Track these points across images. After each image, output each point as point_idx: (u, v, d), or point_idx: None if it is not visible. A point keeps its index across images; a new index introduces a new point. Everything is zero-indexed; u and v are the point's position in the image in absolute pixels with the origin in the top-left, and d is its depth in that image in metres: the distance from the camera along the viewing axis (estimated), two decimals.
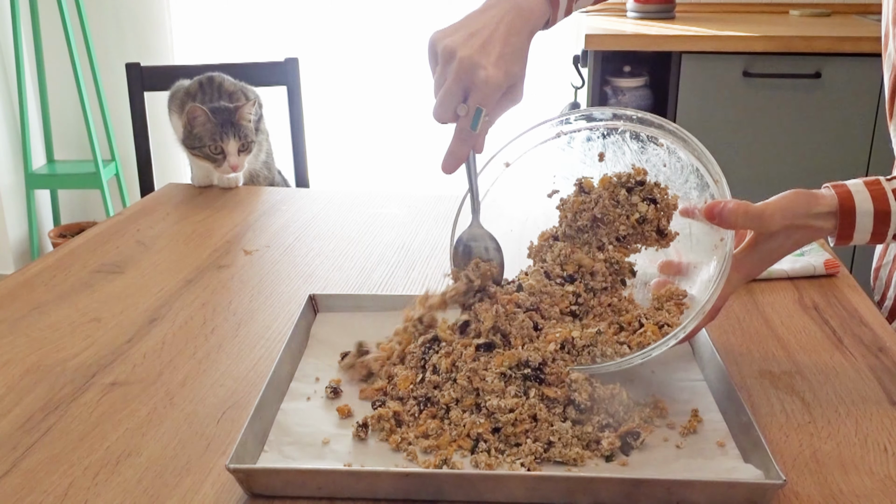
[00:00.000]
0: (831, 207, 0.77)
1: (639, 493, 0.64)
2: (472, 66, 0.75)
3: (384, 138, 3.00)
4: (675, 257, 0.86)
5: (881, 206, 0.76)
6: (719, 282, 0.75)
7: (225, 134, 1.39)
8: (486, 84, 0.75)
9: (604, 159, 0.87)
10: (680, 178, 0.83)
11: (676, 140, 0.82)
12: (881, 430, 0.74)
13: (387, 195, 1.43)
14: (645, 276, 0.86)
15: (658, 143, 0.84)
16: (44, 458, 0.71)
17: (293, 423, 0.74)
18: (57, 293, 1.04)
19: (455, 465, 0.68)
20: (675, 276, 0.85)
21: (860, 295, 1.01)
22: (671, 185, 0.83)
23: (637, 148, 0.85)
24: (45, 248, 3.07)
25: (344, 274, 1.10)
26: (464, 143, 0.78)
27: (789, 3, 2.69)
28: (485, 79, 0.75)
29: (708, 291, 0.75)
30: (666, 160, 0.84)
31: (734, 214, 0.75)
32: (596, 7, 2.70)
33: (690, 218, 0.83)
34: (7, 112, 2.89)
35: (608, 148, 0.87)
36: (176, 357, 0.88)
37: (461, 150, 0.79)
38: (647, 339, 0.76)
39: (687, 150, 0.82)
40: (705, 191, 0.80)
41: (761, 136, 2.25)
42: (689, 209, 0.83)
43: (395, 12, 2.87)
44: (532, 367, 0.73)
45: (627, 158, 0.86)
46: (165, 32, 2.95)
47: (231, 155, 1.40)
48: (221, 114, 1.41)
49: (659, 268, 0.87)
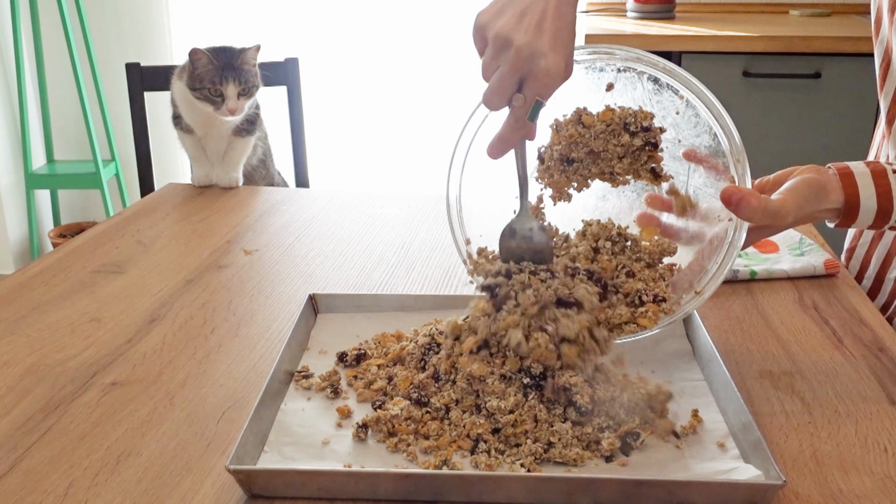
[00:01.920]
0: (838, 204, 0.80)
1: (639, 493, 0.64)
2: (531, 55, 0.69)
3: (384, 138, 3.00)
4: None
5: (884, 204, 0.79)
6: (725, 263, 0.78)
7: (225, 77, 1.39)
8: (548, 75, 0.69)
9: (612, 90, 0.82)
10: (692, 132, 0.81)
11: (703, 103, 0.79)
12: (881, 430, 0.74)
13: (387, 195, 1.43)
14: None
15: (679, 95, 0.80)
16: (44, 458, 0.71)
17: (293, 423, 0.74)
18: (57, 293, 1.04)
19: (455, 466, 0.68)
20: (662, 212, 0.85)
21: (860, 295, 1.01)
22: (681, 135, 0.82)
23: (652, 88, 0.81)
24: (45, 248, 3.07)
25: (344, 274, 1.10)
26: (517, 131, 0.73)
27: (789, 3, 2.69)
28: (546, 69, 0.69)
29: (707, 277, 0.79)
30: (681, 109, 0.81)
31: (753, 211, 0.76)
32: (596, 6, 2.71)
33: (692, 162, 0.83)
34: (7, 112, 2.89)
35: (620, 80, 0.82)
36: (176, 357, 0.88)
37: (513, 137, 0.74)
38: (648, 322, 0.77)
39: (711, 116, 0.79)
40: (718, 155, 0.80)
41: (761, 136, 2.25)
42: (692, 154, 0.82)
43: (396, 12, 2.87)
44: (532, 376, 0.73)
45: (638, 94, 0.82)
46: (165, 32, 2.95)
47: (230, 98, 1.40)
48: (223, 56, 1.41)
49: (646, 200, 0.86)
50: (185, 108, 1.44)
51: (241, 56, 1.43)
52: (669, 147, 0.83)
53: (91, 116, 2.85)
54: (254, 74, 1.44)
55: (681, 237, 0.86)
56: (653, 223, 0.86)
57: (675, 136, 0.82)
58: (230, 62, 1.41)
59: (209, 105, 1.41)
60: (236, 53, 1.43)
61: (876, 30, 1.01)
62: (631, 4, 2.56)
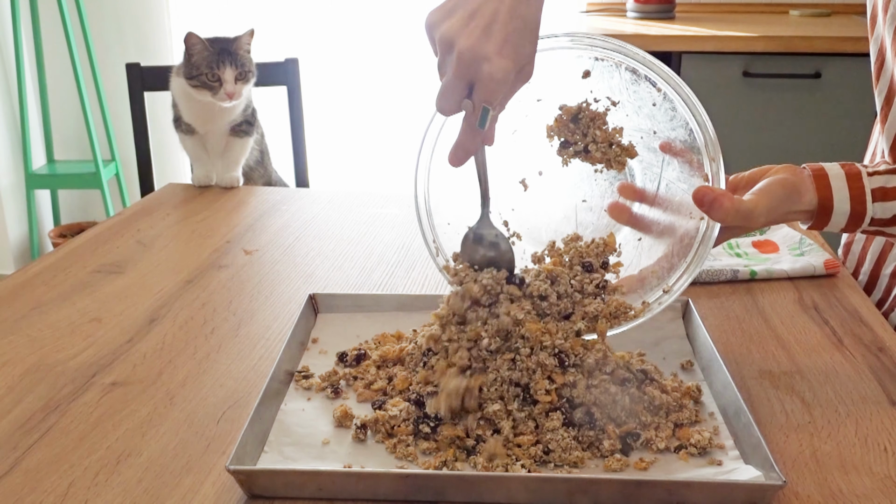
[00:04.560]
0: (811, 206, 0.80)
1: (639, 493, 0.64)
2: (473, 59, 0.65)
3: (384, 138, 3.00)
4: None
5: (857, 208, 0.79)
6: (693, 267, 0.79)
7: (222, 62, 1.41)
8: (492, 80, 0.66)
9: (588, 77, 0.80)
10: (668, 125, 0.80)
11: (681, 98, 0.78)
12: (881, 430, 0.74)
13: (387, 195, 1.43)
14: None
15: (657, 87, 0.79)
16: (44, 458, 0.71)
17: (293, 423, 0.74)
18: (57, 293, 1.04)
19: (455, 467, 0.68)
20: (633, 202, 0.85)
21: (860, 295, 1.01)
22: (656, 126, 0.81)
23: (630, 78, 0.80)
24: (45, 248, 3.07)
25: (344, 274, 1.10)
26: (472, 137, 0.71)
27: (789, 3, 2.69)
28: (489, 74, 0.66)
29: (676, 273, 0.80)
30: (658, 102, 0.79)
31: (725, 213, 0.76)
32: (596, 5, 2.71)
33: (668, 154, 0.82)
34: (7, 112, 2.89)
35: (596, 68, 0.80)
36: (176, 357, 0.88)
37: (470, 143, 0.71)
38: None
39: (688, 112, 0.78)
40: (693, 150, 0.79)
41: (761, 136, 2.25)
42: (668, 146, 0.81)
43: (396, 12, 2.87)
44: (520, 385, 0.73)
45: (615, 83, 0.80)
46: (165, 32, 2.95)
47: (227, 83, 1.41)
48: (219, 42, 1.44)
49: (618, 189, 0.85)
50: (184, 104, 1.45)
51: (236, 42, 1.45)
52: (645, 138, 0.82)
53: (91, 116, 2.85)
54: (249, 60, 1.47)
55: (652, 230, 0.86)
56: (624, 213, 0.86)
57: (651, 126, 0.82)
58: (226, 47, 1.44)
59: (207, 91, 1.41)
60: (231, 40, 1.46)
61: (871, 27, 1.01)
62: (631, 4, 2.56)
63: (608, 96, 0.80)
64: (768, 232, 1.18)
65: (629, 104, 0.81)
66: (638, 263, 0.85)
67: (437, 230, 0.84)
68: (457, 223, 0.81)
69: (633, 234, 0.87)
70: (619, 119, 0.80)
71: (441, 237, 0.84)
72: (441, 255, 0.83)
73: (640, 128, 0.82)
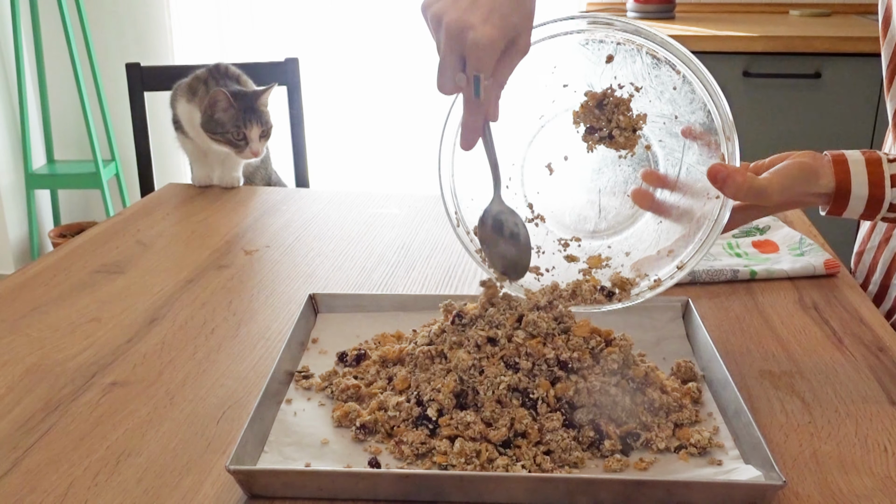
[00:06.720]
0: (828, 189, 0.80)
1: (639, 493, 0.64)
2: (459, 29, 0.68)
3: (384, 138, 3.00)
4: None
5: (876, 192, 0.79)
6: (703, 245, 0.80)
7: (248, 120, 1.40)
8: (477, 46, 0.68)
9: (612, 62, 0.83)
10: (688, 108, 0.82)
11: (699, 79, 0.80)
12: (881, 430, 0.74)
13: (387, 195, 1.43)
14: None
15: (676, 70, 0.81)
16: (44, 458, 0.71)
17: (293, 423, 0.74)
18: (57, 293, 1.04)
19: (455, 467, 0.68)
20: (657, 188, 0.87)
21: (860, 295, 1.01)
22: (678, 111, 0.83)
23: (651, 62, 0.82)
24: (45, 248, 3.07)
25: (344, 274, 1.10)
26: (474, 113, 0.73)
27: (789, 3, 2.69)
28: (474, 41, 0.68)
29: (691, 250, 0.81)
30: (678, 85, 0.81)
31: (738, 188, 0.76)
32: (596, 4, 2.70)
33: (689, 139, 0.83)
34: (7, 112, 2.89)
35: (619, 52, 0.82)
36: (176, 357, 0.88)
37: (473, 121, 0.73)
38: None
39: (705, 93, 0.80)
40: (711, 132, 0.80)
41: (761, 136, 2.25)
42: (689, 131, 0.83)
43: (396, 12, 2.87)
44: (520, 390, 0.73)
45: (637, 68, 0.82)
46: (165, 32, 2.95)
47: (253, 141, 1.41)
48: (243, 99, 1.41)
49: (642, 176, 0.87)
50: (192, 130, 1.44)
51: (259, 98, 1.42)
52: (667, 123, 0.84)
53: (91, 116, 2.85)
54: (269, 116, 1.44)
55: (671, 213, 0.87)
56: (647, 199, 0.87)
57: (673, 111, 0.83)
58: (250, 105, 1.41)
59: (230, 147, 1.40)
60: (253, 96, 1.42)
61: (884, 30, 1.00)
62: (631, 4, 2.56)
63: (632, 82, 0.82)
64: (768, 232, 1.18)
65: (651, 90, 0.83)
66: (657, 245, 0.87)
67: (460, 202, 0.86)
68: (480, 199, 0.83)
69: (654, 218, 0.89)
70: (643, 105, 0.82)
71: (464, 210, 0.86)
72: (462, 226, 0.86)
73: (663, 113, 0.83)
